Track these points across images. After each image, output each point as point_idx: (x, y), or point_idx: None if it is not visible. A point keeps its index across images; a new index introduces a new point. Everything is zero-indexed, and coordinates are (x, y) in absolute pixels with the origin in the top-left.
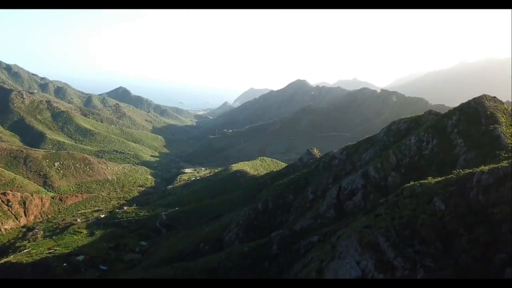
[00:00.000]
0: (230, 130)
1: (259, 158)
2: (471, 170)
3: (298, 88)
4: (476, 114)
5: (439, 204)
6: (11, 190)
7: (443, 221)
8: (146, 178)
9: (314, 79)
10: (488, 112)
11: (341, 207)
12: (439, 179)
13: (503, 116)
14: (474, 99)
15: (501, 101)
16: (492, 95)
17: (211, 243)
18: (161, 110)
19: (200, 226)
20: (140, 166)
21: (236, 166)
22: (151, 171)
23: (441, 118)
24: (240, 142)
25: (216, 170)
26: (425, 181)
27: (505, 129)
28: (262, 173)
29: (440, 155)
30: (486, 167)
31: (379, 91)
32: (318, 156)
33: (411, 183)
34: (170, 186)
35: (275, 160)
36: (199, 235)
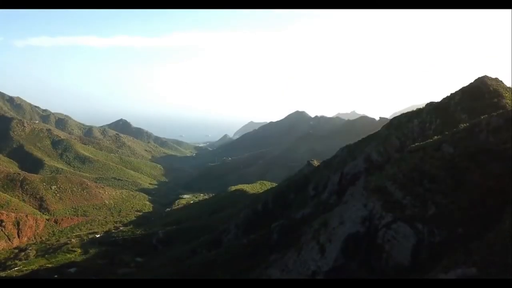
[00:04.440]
0: (230, 158)
1: (259, 181)
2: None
3: (297, 119)
4: (479, 91)
5: (447, 149)
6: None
7: (453, 162)
8: (144, 203)
9: (312, 113)
10: (491, 88)
11: (343, 193)
12: (446, 133)
13: (506, 93)
14: (475, 79)
15: (503, 82)
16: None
17: (209, 244)
18: (161, 142)
19: (197, 239)
20: (138, 192)
21: (235, 187)
22: (149, 197)
23: (443, 100)
24: (240, 169)
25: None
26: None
27: (509, 102)
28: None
29: (445, 132)
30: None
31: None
32: None
33: (416, 144)
34: (168, 209)
35: (275, 184)
36: (197, 242)
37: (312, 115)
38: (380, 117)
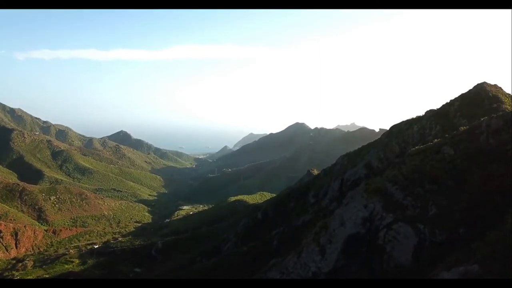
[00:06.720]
0: (230, 169)
1: (259, 192)
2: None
3: (297, 130)
4: (479, 96)
5: (448, 151)
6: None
7: (453, 163)
8: (143, 214)
9: (312, 124)
10: (491, 94)
11: (343, 199)
12: (446, 135)
13: (505, 98)
14: (475, 86)
15: (502, 88)
16: None
17: (209, 253)
18: (161, 153)
19: (197, 249)
20: (137, 204)
21: (235, 198)
22: (149, 208)
23: (443, 106)
24: (240, 180)
25: None
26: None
27: (509, 107)
28: None
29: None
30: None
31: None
32: None
33: (416, 147)
34: (167, 220)
35: (274, 194)
36: (196, 252)
37: (312, 127)
38: (380, 129)
